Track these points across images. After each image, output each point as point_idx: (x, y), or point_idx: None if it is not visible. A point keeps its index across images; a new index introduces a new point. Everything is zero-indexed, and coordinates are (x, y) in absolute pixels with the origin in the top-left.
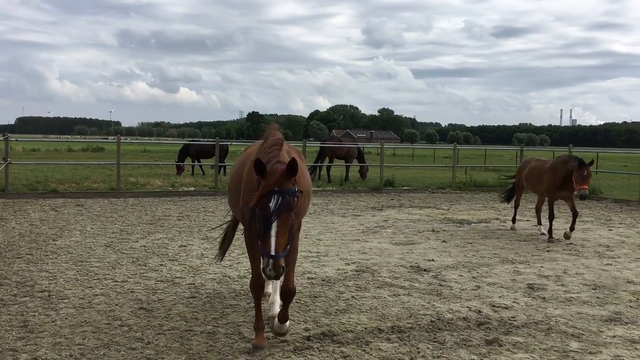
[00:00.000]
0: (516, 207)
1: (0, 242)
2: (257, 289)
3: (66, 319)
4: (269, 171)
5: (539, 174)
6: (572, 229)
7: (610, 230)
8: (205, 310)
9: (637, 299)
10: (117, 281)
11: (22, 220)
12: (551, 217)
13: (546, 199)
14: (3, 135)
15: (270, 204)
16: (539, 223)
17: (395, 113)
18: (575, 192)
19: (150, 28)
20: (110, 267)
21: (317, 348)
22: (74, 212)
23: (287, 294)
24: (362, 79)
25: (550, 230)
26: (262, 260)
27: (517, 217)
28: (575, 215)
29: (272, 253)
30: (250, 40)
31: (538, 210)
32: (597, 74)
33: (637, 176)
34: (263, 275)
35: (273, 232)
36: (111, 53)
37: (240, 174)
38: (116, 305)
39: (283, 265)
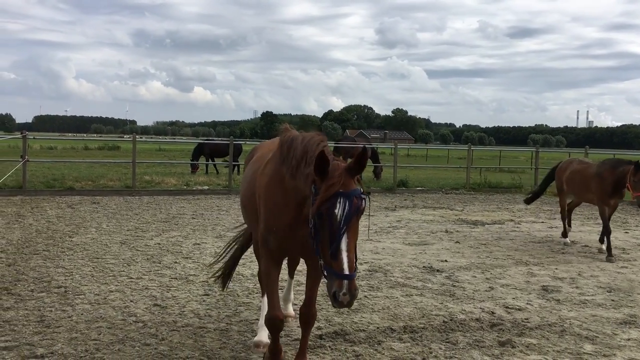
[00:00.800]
0: (564, 217)
1: (18, 238)
2: (275, 328)
3: (82, 314)
4: (330, 169)
5: (585, 179)
6: (602, 241)
7: (626, 232)
8: (219, 307)
9: None
10: (132, 278)
11: (39, 217)
12: (607, 231)
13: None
14: (21, 134)
15: (337, 210)
16: (567, 227)
17: (409, 113)
18: (634, 200)
19: (165, 28)
20: (125, 264)
21: (330, 347)
22: (90, 209)
23: (308, 319)
24: (376, 79)
25: (609, 248)
26: (331, 283)
27: (532, 218)
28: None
29: (346, 272)
30: (264, 40)
31: (568, 212)
32: (614, 75)
33: None
34: (333, 302)
35: (344, 246)
36: (127, 52)
37: (253, 185)
38: (131, 301)
39: (357, 288)
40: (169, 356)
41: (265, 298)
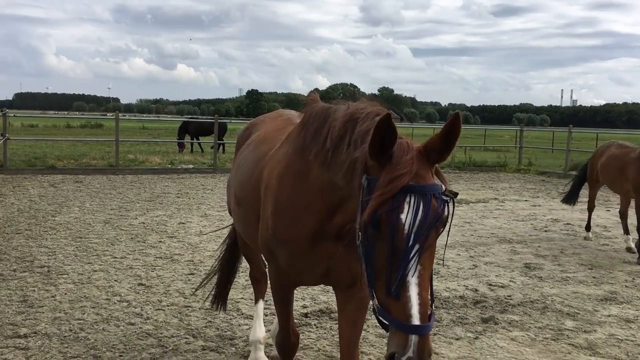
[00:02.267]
0: (590, 209)
1: (0, 217)
2: (288, 354)
3: (65, 294)
4: (396, 150)
5: (621, 165)
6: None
7: (608, 210)
8: (204, 286)
9: (633, 279)
10: (116, 257)
11: (21, 196)
12: None
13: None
14: (1, 111)
15: (404, 216)
16: (626, 232)
17: (395, 92)
18: None
19: (146, 3)
20: (109, 244)
21: (315, 325)
22: (73, 188)
23: None
24: (361, 57)
25: None
26: (391, 337)
27: (516, 197)
28: None
29: (417, 322)
30: (247, 17)
31: (623, 216)
32: (598, 54)
33: None
34: None
35: (412, 277)
36: (107, 28)
37: (255, 175)
38: (115, 281)
39: (432, 348)
40: (154, 335)
41: (260, 306)
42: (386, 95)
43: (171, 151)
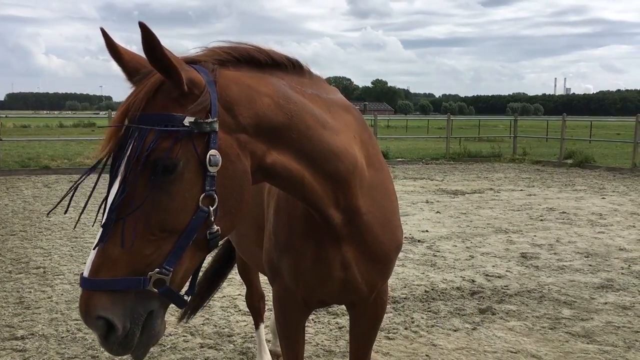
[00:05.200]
0: None
1: None
2: None
3: (62, 294)
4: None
5: None
6: None
7: (603, 198)
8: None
9: (629, 266)
10: None
11: (15, 197)
12: None
13: None
14: None
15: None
16: None
17: (388, 84)
18: None
19: (133, 0)
20: None
21: (312, 319)
22: (67, 188)
23: None
24: (351, 50)
25: None
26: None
27: (511, 186)
28: None
29: (85, 273)
30: (235, 12)
31: None
32: (589, 41)
33: (630, 144)
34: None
35: (103, 224)
36: (94, 26)
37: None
38: None
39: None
40: None
41: (262, 331)
42: (380, 88)
43: None
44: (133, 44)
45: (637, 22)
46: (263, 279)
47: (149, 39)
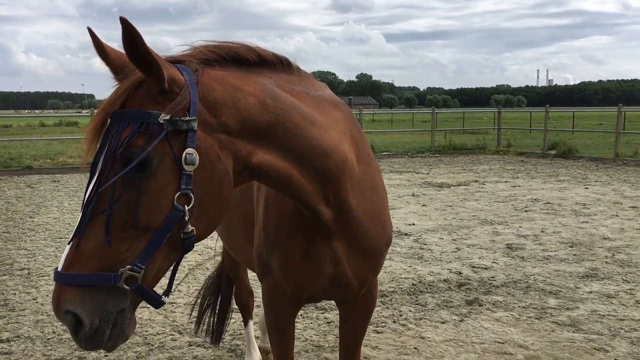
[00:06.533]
0: None
1: None
2: None
3: (47, 296)
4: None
5: None
6: None
7: (586, 188)
8: (188, 282)
9: (613, 255)
10: None
11: None
12: None
13: None
14: None
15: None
16: None
17: (373, 78)
18: None
19: None
20: None
21: (301, 315)
22: (50, 188)
23: None
24: (334, 45)
25: None
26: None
27: (496, 178)
28: None
29: (59, 267)
30: (216, 8)
31: None
32: (569, 33)
33: (612, 134)
34: None
35: (81, 218)
36: (74, 24)
37: None
38: None
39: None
40: (139, 333)
41: (250, 328)
42: (364, 82)
43: None
44: (114, 42)
45: (616, 13)
46: (251, 275)
47: (130, 35)
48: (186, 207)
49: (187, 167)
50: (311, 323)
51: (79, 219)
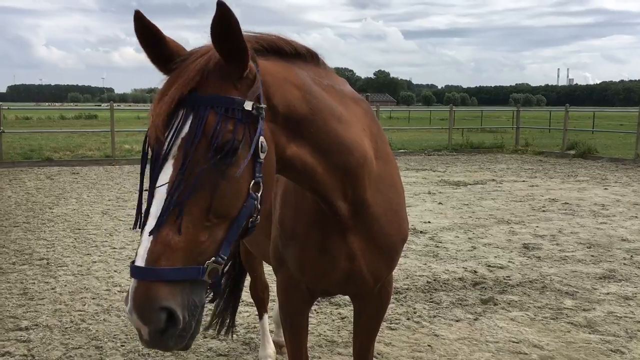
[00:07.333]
0: None
1: None
2: None
3: (65, 285)
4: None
5: None
6: None
7: (605, 189)
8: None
9: (631, 256)
10: (115, 248)
11: (18, 189)
12: None
13: None
14: None
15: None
16: None
17: (391, 75)
18: None
19: None
20: (107, 235)
21: (315, 310)
22: (70, 180)
23: None
24: (352, 41)
25: None
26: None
27: (513, 177)
28: None
29: (139, 262)
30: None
31: None
32: (590, 32)
33: (633, 135)
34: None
35: (153, 208)
36: (94, 18)
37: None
38: (115, 271)
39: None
40: None
41: (265, 321)
42: (382, 79)
43: None
44: (133, 36)
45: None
46: (267, 269)
47: (226, 17)
48: (258, 195)
49: (262, 154)
50: (325, 318)
51: (153, 209)
